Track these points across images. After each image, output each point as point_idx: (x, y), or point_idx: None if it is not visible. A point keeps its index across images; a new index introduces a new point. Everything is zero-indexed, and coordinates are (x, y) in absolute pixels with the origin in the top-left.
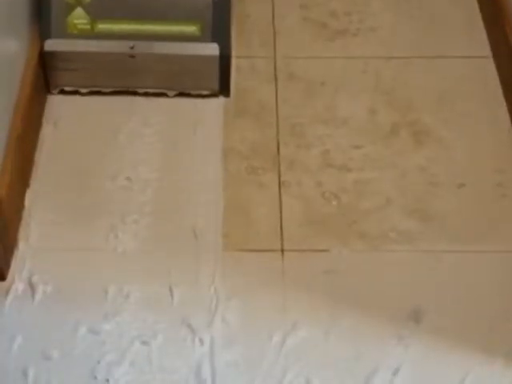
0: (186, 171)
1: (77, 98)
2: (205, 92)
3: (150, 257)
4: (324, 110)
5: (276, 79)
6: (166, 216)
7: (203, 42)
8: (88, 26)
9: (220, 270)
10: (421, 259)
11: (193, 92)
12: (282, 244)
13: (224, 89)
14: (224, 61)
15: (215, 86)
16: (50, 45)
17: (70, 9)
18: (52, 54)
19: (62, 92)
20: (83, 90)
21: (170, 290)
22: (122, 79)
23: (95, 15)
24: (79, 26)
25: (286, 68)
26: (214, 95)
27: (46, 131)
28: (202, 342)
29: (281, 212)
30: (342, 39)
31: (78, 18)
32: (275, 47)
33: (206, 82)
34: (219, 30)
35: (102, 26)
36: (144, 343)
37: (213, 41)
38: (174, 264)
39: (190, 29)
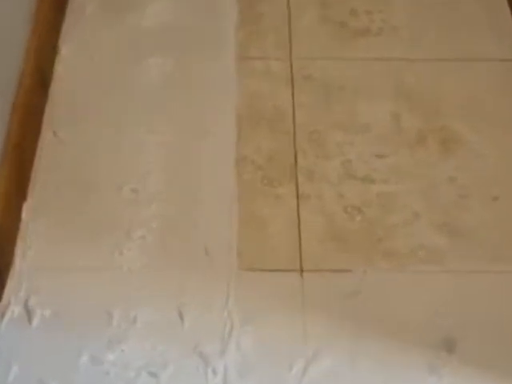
0: (196, 182)
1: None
2: None
3: (158, 276)
4: (343, 116)
5: (292, 82)
6: (176, 231)
7: None
8: None
9: (234, 291)
10: (452, 280)
11: None
12: (300, 263)
13: None
14: None
15: None
16: None
17: None
18: None
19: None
20: None
21: (180, 314)
22: None
23: None
24: None
25: (303, 70)
26: None
27: (46, 139)
28: (214, 372)
29: (299, 227)
30: (362, 39)
31: None
32: (291, 48)
33: None
34: None
35: None
36: (152, 374)
37: None
38: (184, 284)
39: None
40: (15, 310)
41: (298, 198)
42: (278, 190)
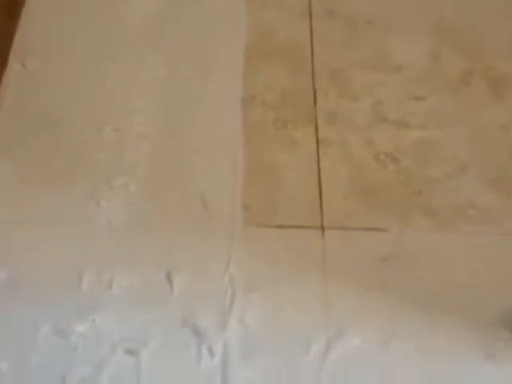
0: (193, 123)
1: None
2: None
3: (142, 232)
4: (372, 54)
5: (310, 16)
6: (166, 180)
7: None
8: None
9: (237, 251)
10: (510, 244)
11: None
12: (321, 219)
13: None
14: None
15: None
16: None
17: None
18: None
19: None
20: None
21: (168, 277)
22: None
23: None
24: None
25: (323, 3)
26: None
27: (13, 70)
28: (211, 352)
29: (319, 178)
30: None
31: None
32: None
33: None
34: None
35: None
36: (130, 352)
37: None
38: (174, 242)
39: None
40: None
41: (317, 143)
42: (294, 133)
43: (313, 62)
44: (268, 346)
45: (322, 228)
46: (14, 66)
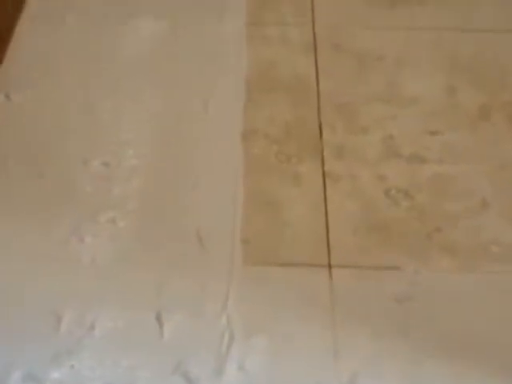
0: (190, 157)
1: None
2: None
3: (129, 270)
4: (383, 88)
5: (316, 50)
6: (159, 214)
7: None
8: None
9: (236, 291)
10: None
11: None
12: (329, 257)
13: None
14: None
15: None
16: None
17: None
18: None
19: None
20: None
21: (159, 319)
22: None
23: None
24: None
25: (329, 38)
26: None
27: None
28: None
29: (326, 213)
30: (403, 8)
31: None
32: (313, 14)
33: None
34: None
35: None
36: None
37: None
38: (165, 281)
39: None
40: None
41: (324, 177)
42: (298, 167)
43: (318, 96)
44: None
45: (330, 266)
46: None
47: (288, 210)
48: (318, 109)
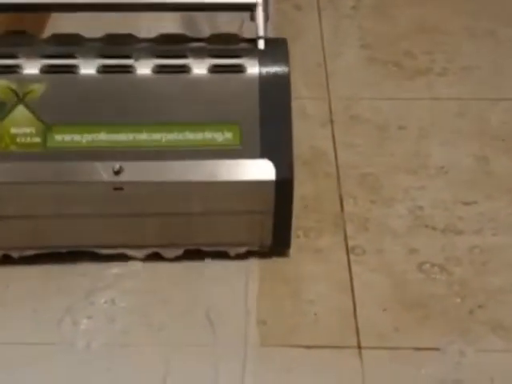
0: None
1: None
2: (244, 249)
3: (131, 357)
4: (407, 158)
5: (332, 123)
6: (163, 292)
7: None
8: (37, 139)
9: (252, 377)
10: None
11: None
12: (358, 337)
13: (281, 242)
14: (283, 189)
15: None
16: None
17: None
18: None
19: None
20: (15, 255)
21: None
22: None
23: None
24: (21, 140)
25: (346, 110)
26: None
27: None
28: None
29: (352, 290)
30: (423, 79)
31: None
32: (328, 88)
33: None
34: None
35: (61, 138)
36: None
37: (263, 156)
38: (171, 369)
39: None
40: None
41: (347, 251)
42: (318, 242)
43: (337, 167)
44: None
45: (359, 347)
46: None
47: (308, 286)
48: (338, 180)
